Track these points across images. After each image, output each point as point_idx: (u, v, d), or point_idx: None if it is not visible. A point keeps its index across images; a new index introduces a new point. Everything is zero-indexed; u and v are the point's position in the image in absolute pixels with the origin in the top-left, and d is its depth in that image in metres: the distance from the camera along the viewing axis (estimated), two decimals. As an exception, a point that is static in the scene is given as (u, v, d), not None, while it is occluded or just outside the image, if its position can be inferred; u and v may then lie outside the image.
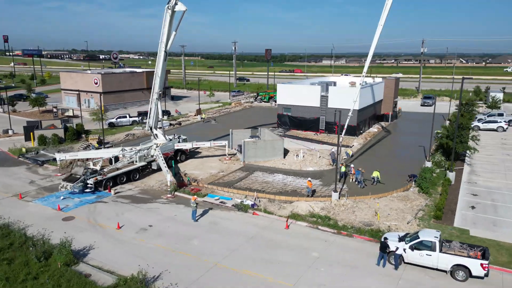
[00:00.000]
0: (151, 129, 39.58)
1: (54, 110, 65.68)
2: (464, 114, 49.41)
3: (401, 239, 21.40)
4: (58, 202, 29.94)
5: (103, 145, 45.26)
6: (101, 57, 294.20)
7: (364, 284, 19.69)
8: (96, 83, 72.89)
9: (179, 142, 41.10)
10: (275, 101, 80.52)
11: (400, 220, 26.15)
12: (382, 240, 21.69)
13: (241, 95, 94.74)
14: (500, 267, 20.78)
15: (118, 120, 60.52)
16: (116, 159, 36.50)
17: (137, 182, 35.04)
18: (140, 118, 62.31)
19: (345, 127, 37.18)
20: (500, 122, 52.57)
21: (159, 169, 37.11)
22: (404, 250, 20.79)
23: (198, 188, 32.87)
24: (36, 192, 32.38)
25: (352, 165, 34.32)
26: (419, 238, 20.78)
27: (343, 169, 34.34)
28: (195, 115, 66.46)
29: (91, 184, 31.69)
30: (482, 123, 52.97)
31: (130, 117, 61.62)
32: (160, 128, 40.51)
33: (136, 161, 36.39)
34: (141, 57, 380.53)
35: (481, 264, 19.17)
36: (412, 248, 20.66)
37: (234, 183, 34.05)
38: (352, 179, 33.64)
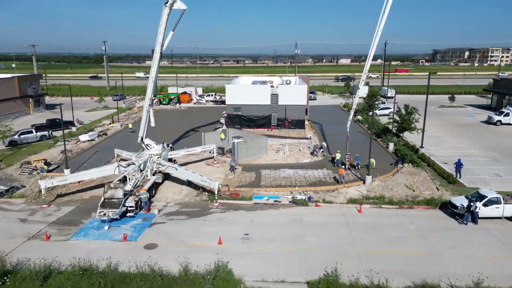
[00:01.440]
0: (142, 139, 35.69)
1: None
2: (372, 105, 60.45)
3: (472, 200, 27.19)
4: (109, 233, 25.37)
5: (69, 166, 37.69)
6: None
7: (475, 239, 24.63)
8: (-40, 93, 57.43)
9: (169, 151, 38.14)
10: (177, 103, 79.01)
11: (430, 189, 32.25)
12: (461, 204, 27.06)
13: (124, 98, 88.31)
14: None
15: (22, 136, 49.84)
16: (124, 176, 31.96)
17: (155, 197, 31.67)
18: (50, 132, 52.72)
19: (350, 119, 41.26)
20: (390, 108, 65.94)
21: (162, 181, 34.18)
22: (479, 208, 26.69)
23: (237, 193, 32.10)
24: (57, 230, 26.01)
25: (348, 153, 38.80)
26: (486, 197, 27.01)
27: (338, 156, 38.65)
28: (110, 123, 59.81)
29: (132, 206, 27.49)
30: (378, 110, 65.33)
31: (36, 131, 51.39)
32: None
33: (147, 176, 32.69)
34: None
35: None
36: (485, 205, 26.75)
37: (259, 183, 34.33)
38: (349, 166, 38.02)
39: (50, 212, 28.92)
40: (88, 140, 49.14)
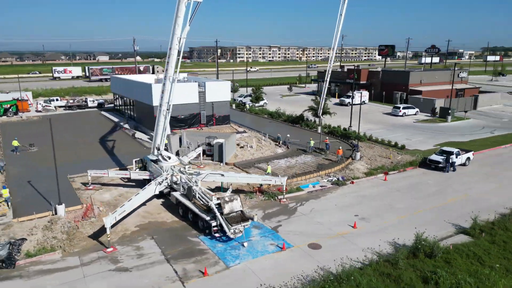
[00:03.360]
0: (158, 149, 30.95)
1: None
2: (258, 96, 67.37)
3: (444, 155, 37.86)
4: (255, 248, 23.21)
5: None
6: None
7: (469, 180, 35.19)
8: None
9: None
10: (16, 112, 63.14)
11: (396, 156, 41.70)
12: (441, 159, 37.32)
13: None
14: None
15: None
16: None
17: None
18: None
19: (321, 107, 45.09)
20: (264, 100, 73.94)
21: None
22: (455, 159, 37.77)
23: (280, 187, 32.72)
24: (193, 263, 21.49)
25: (327, 137, 44.05)
26: (452, 152, 38.18)
27: (312, 143, 43.57)
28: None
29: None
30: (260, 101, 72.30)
31: None
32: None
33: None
34: None
35: (473, 153, 39.76)
36: (455, 157, 37.98)
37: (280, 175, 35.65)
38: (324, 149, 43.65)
39: (132, 254, 22.73)
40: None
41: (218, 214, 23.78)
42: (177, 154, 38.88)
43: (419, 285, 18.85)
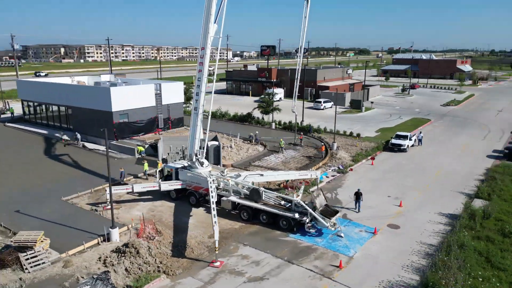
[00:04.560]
0: (196, 155, 29.13)
1: None
2: (190, 97, 65.91)
3: (402, 138, 44.72)
4: (352, 237, 24.70)
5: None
6: None
7: (428, 156, 42.41)
8: None
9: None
10: None
11: (360, 144, 47.01)
12: (402, 142, 43.97)
13: None
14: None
15: None
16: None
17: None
18: None
19: (294, 105, 46.38)
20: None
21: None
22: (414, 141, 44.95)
23: (307, 181, 34.05)
24: (318, 259, 21.63)
25: (301, 133, 46.25)
26: (406, 136, 45.27)
27: (282, 143, 45.59)
28: None
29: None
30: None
31: None
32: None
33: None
34: None
35: (421, 134, 47.94)
36: (409, 139, 45.16)
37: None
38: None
39: (245, 263, 21.82)
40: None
41: (310, 210, 24.26)
42: (165, 160, 36.39)
43: (506, 240, 23.35)
